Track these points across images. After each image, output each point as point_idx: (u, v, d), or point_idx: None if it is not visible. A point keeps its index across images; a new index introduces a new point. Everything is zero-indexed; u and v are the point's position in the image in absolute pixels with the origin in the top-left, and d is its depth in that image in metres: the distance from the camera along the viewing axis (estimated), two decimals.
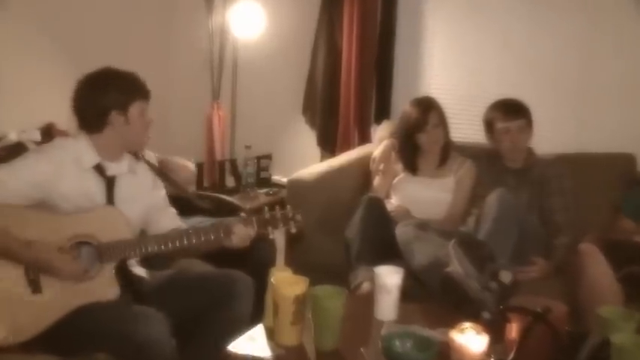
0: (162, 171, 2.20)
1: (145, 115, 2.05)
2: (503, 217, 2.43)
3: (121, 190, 2.04)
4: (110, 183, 2.02)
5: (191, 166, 2.72)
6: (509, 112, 2.71)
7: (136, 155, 2.13)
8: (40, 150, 2.04)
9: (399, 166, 2.92)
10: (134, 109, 2.00)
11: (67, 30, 3.14)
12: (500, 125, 2.71)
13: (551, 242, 2.60)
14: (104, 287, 1.91)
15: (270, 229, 2.02)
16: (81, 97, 2.00)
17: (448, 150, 2.88)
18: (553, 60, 3.17)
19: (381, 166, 2.91)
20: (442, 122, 2.83)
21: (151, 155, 2.21)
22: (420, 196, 2.82)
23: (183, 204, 2.50)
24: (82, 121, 2.01)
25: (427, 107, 2.80)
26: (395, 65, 3.44)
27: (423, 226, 2.54)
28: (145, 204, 2.10)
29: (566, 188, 2.70)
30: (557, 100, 3.19)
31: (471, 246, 2.19)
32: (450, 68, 3.42)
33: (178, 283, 2.09)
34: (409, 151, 2.86)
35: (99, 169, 2.01)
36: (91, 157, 2.00)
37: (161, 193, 2.19)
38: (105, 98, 1.97)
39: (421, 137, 2.80)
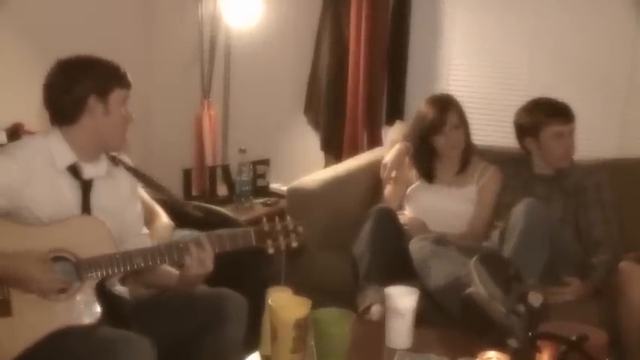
0: (143, 174, 2.20)
1: (126, 107, 2.05)
2: (533, 230, 2.43)
3: (98, 197, 2.03)
4: (86, 187, 2.01)
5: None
6: (562, 114, 2.69)
7: (114, 160, 2.12)
8: (4, 151, 2.04)
9: (413, 173, 2.92)
10: (114, 97, 2.00)
11: (35, 20, 3.17)
12: (552, 129, 2.68)
13: (588, 260, 2.60)
14: (83, 309, 1.90)
15: (269, 242, 2.02)
16: (54, 84, 1.99)
17: (469, 155, 2.88)
18: (593, 53, 3.17)
19: (393, 173, 2.91)
20: (463, 123, 2.83)
21: (129, 162, 2.21)
22: (437, 207, 2.82)
23: (171, 212, 2.52)
24: (55, 111, 2.01)
25: (445, 106, 2.80)
26: (409, 58, 3.44)
27: (440, 240, 2.53)
28: (120, 216, 2.09)
29: (606, 199, 2.69)
30: (597, 98, 3.18)
31: (495, 264, 2.19)
32: (472, 62, 3.42)
33: (162, 303, 2.09)
34: (425, 155, 2.87)
35: (74, 170, 2.00)
36: (65, 156, 1.99)
37: (137, 207, 2.19)
38: (82, 84, 1.97)
39: (439, 140, 2.81)
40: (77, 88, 1.97)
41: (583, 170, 2.77)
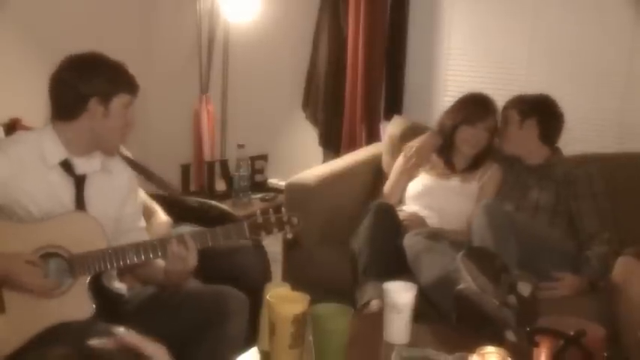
0: (143, 167, 2.20)
1: (128, 111, 2.03)
2: (496, 229, 2.43)
3: (92, 192, 2.03)
4: (79, 182, 2.01)
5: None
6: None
7: None
8: None
9: (421, 168, 2.90)
10: (118, 101, 1.99)
11: (34, 15, 3.16)
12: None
13: (581, 253, 2.59)
14: (76, 305, 1.91)
15: (263, 234, 2.02)
16: (60, 78, 1.99)
17: (482, 160, 2.85)
18: (591, 48, 3.16)
19: (413, 160, 2.87)
20: (493, 131, 2.81)
21: (128, 154, 2.21)
22: (437, 203, 2.81)
23: (169, 208, 2.51)
24: (57, 105, 2.00)
25: (490, 108, 2.80)
26: (407, 53, 3.44)
27: (434, 235, 2.53)
28: (117, 210, 2.09)
29: (597, 190, 2.68)
30: (595, 93, 3.17)
31: (481, 257, 2.19)
32: (471, 57, 3.41)
33: (162, 301, 2.09)
34: (448, 146, 2.85)
35: (66, 165, 2.00)
36: (56, 152, 1.98)
37: (136, 200, 2.19)
38: (88, 83, 1.96)
39: (465, 131, 2.78)
40: (82, 86, 1.97)
41: (573, 162, 2.78)
